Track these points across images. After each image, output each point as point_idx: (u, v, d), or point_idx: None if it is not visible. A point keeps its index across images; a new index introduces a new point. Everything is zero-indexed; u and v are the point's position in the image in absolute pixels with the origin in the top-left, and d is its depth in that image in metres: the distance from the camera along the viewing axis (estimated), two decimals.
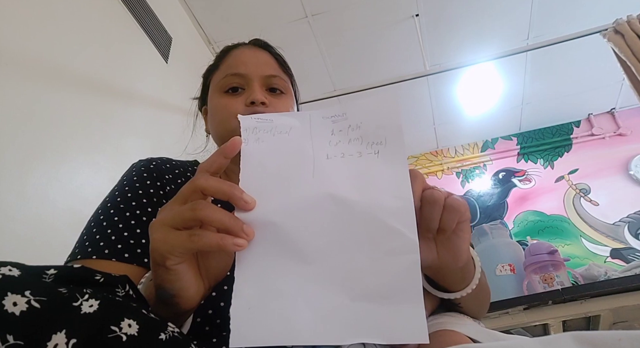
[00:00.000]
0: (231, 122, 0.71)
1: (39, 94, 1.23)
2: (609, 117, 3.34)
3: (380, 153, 0.43)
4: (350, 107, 0.46)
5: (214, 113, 0.76)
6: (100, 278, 0.36)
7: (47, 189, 1.18)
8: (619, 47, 1.81)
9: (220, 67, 0.79)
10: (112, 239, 0.57)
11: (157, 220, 0.40)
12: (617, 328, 1.39)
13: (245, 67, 0.75)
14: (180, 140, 0.95)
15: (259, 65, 0.76)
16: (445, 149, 3.61)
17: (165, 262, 0.38)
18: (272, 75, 0.76)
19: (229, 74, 0.75)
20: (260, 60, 0.77)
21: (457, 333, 0.48)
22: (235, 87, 0.74)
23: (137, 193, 0.63)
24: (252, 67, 0.75)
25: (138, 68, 1.81)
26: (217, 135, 0.76)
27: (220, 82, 0.75)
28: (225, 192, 0.39)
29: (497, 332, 0.50)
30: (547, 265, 1.54)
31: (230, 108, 0.72)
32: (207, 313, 0.55)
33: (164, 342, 0.32)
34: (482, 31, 2.62)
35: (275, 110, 0.73)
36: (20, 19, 1.21)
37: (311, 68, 2.69)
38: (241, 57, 0.78)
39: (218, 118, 0.74)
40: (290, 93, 0.79)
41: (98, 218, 0.61)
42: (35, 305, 0.28)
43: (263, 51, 0.80)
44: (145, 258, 0.59)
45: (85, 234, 0.60)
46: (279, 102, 0.75)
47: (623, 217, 2.95)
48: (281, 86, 0.77)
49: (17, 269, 0.30)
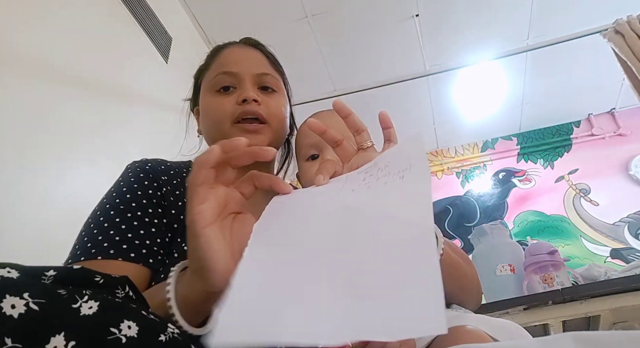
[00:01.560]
0: (223, 122, 0.70)
1: (38, 94, 1.23)
2: (609, 117, 3.33)
3: (405, 177, 0.43)
4: (379, 157, 0.50)
5: (206, 113, 0.75)
6: (99, 279, 0.36)
7: (47, 189, 1.18)
8: (619, 47, 1.81)
9: (211, 66, 0.79)
10: (116, 240, 0.57)
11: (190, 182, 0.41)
12: (617, 328, 1.39)
13: (236, 66, 0.74)
14: (174, 141, 0.95)
15: (250, 64, 0.75)
16: (445, 149, 3.60)
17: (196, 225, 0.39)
18: (264, 73, 0.75)
19: (220, 73, 0.74)
20: (252, 59, 0.77)
21: (473, 330, 0.48)
22: (227, 86, 0.73)
23: (135, 194, 0.63)
24: (244, 65, 0.74)
25: (138, 68, 1.81)
26: (209, 135, 0.75)
27: (212, 81, 0.75)
28: None
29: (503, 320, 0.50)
30: (547, 265, 1.54)
31: (222, 107, 0.71)
32: None
33: (164, 343, 0.32)
34: (482, 31, 2.62)
35: (268, 108, 0.72)
36: (20, 19, 1.21)
37: (311, 68, 2.69)
38: (232, 56, 0.77)
39: (210, 118, 0.73)
40: (283, 91, 0.79)
41: (98, 219, 0.60)
42: (33, 308, 0.28)
43: (254, 49, 0.80)
44: (151, 259, 0.58)
45: (86, 236, 0.59)
46: (271, 100, 0.74)
47: (623, 217, 2.95)
48: (273, 84, 0.76)
49: (15, 271, 0.30)
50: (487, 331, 0.48)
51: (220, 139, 0.69)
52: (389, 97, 2.86)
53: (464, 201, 3.35)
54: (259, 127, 0.70)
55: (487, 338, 0.46)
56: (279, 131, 0.74)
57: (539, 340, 0.35)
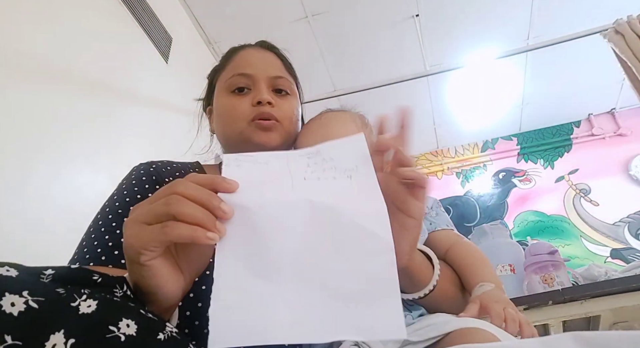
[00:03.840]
0: (238, 123, 0.72)
1: (39, 94, 1.23)
2: (609, 117, 3.33)
3: (352, 177, 0.46)
4: (323, 146, 0.50)
5: (221, 113, 0.77)
6: (98, 278, 0.36)
7: (47, 189, 1.18)
8: (619, 47, 1.80)
9: (226, 67, 0.80)
10: (109, 245, 0.58)
11: (130, 218, 0.40)
12: (617, 328, 1.39)
13: (252, 68, 0.76)
14: (184, 140, 0.95)
15: (265, 66, 0.77)
16: (446, 149, 3.60)
17: (140, 258, 0.38)
18: (279, 76, 0.77)
19: (236, 74, 0.76)
20: (267, 62, 0.79)
21: (482, 330, 0.48)
22: (242, 87, 0.75)
23: (135, 198, 0.63)
24: (259, 67, 0.76)
25: (138, 68, 1.81)
26: (224, 134, 0.77)
27: (227, 82, 0.76)
28: (202, 199, 0.39)
29: None
30: (547, 266, 1.54)
31: (238, 108, 0.73)
32: (184, 315, 0.55)
33: (163, 341, 0.32)
34: (482, 31, 2.62)
35: (281, 110, 0.74)
36: (20, 19, 1.21)
37: (311, 68, 2.69)
38: (248, 58, 0.79)
39: (225, 118, 0.75)
40: (295, 94, 0.81)
41: (97, 224, 0.61)
42: (33, 306, 0.28)
43: (269, 52, 0.82)
44: None
45: (85, 241, 0.60)
46: (285, 102, 0.76)
47: (623, 217, 2.95)
48: (287, 87, 0.78)
49: (14, 269, 0.30)
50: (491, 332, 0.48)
51: (235, 138, 0.73)
52: (389, 97, 2.85)
53: (464, 201, 3.35)
54: (272, 124, 0.72)
55: (494, 338, 0.46)
56: (291, 133, 0.77)
57: (539, 340, 0.35)
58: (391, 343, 0.52)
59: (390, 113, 0.53)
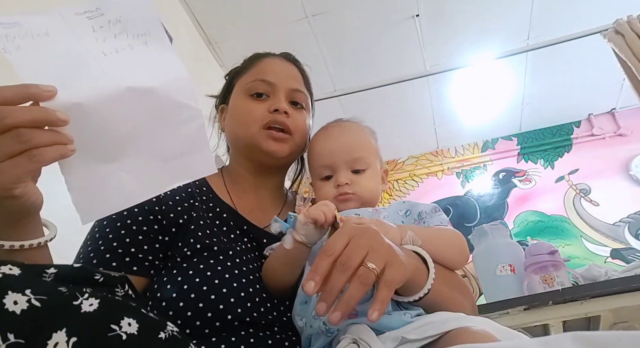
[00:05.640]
0: (251, 126, 0.74)
1: None
2: (609, 118, 3.33)
3: (148, 43, 0.50)
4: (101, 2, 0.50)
5: (236, 114, 0.79)
6: (99, 277, 0.36)
7: (47, 187, 1.17)
8: (619, 47, 1.81)
9: (249, 70, 0.82)
10: (101, 250, 0.61)
11: None
12: (618, 328, 1.39)
13: (274, 76, 0.78)
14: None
15: (287, 78, 0.80)
16: (446, 149, 3.60)
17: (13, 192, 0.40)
18: (298, 89, 0.80)
19: (258, 79, 0.78)
20: (290, 73, 0.82)
21: (481, 330, 0.48)
22: (261, 93, 0.77)
23: None
24: (281, 77, 0.79)
25: None
26: (235, 134, 0.79)
27: (248, 85, 0.78)
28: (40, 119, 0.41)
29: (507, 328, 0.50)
30: (547, 266, 1.54)
31: (254, 111, 0.75)
32: (186, 315, 0.56)
33: (164, 340, 0.33)
34: (482, 31, 2.62)
35: (295, 121, 0.76)
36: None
37: (311, 68, 2.68)
38: (272, 66, 0.81)
39: (239, 120, 0.77)
40: (309, 109, 0.84)
41: (93, 230, 0.65)
42: (35, 304, 0.28)
43: (292, 65, 0.84)
44: (135, 267, 0.61)
45: (81, 247, 0.64)
46: (299, 115, 0.79)
47: (623, 217, 2.95)
48: (303, 101, 0.80)
49: (17, 268, 0.31)
50: (490, 332, 0.48)
51: (245, 140, 0.76)
52: (389, 97, 2.86)
53: (464, 201, 3.35)
54: (284, 136, 0.75)
55: (493, 338, 0.46)
56: (300, 145, 0.80)
57: (539, 340, 0.35)
58: (389, 341, 0.52)
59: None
